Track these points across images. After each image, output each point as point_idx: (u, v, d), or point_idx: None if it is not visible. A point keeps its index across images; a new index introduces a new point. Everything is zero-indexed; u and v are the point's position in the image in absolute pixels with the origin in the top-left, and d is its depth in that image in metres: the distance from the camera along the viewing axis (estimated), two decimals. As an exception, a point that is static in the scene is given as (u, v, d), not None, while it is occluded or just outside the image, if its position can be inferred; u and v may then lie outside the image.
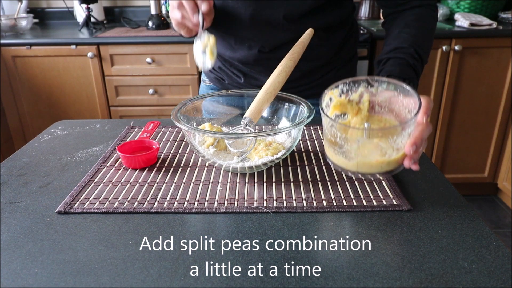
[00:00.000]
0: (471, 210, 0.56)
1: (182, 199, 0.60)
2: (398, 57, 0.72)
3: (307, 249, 0.49)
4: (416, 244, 0.49)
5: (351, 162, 0.56)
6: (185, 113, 0.71)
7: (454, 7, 2.11)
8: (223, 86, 1.00)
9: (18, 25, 2.05)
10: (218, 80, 1.01)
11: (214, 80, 1.02)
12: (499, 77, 1.89)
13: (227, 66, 0.96)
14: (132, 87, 1.99)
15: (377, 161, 0.55)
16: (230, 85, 0.99)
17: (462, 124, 2.00)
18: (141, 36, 1.92)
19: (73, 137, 0.84)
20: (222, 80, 1.00)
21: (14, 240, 0.51)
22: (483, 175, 2.11)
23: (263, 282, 0.44)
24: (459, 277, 0.44)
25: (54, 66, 1.95)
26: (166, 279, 0.44)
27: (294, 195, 0.60)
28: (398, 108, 0.59)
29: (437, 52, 1.86)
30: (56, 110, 2.04)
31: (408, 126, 0.53)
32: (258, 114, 0.66)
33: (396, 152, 0.54)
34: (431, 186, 0.63)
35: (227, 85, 0.99)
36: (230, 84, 0.99)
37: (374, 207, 0.57)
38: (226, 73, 0.97)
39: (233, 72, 0.96)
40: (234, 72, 0.96)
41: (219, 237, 0.51)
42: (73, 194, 0.61)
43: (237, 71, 0.95)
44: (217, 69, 0.99)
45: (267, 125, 0.81)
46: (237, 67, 0.95)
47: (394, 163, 0.56)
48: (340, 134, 0.55)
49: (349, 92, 0.59)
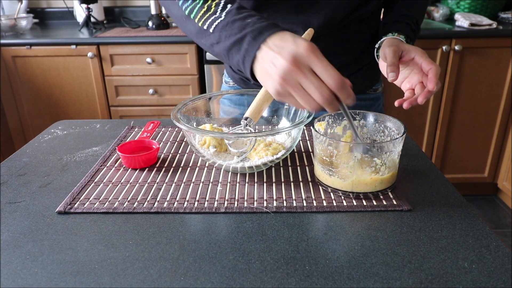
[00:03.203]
0: (471, 210, 0.56)
1: (182, 199, 0.60)
2: (404, 22, 0.84)
3: (307, 249, 0.49)
4: (416, 244, 0.49)
5: (346, 182, 0.59)
6: (185, 113, 0.71)
7: (454, 7, 2.11)
8: (248, 86, 0.99)
9: (18, 25, 2.05)
10: (243, 81, 0.98)
11: (239, 80, 0.99)
12: (499, 77, 1.90)
13: None
14: (132, 87, 1.99)
15: (371, 179, 0.58)
16: (255, 85, 0.96)
17: (462, 124, 2.00)
18: (141, 36, 1.92)
19: (73, 137, 0.84)
20: (248, 80, 0.97)
21: (14, 240, 0.51)
22: (483, 175, 2.11)
23: (263, 282, 0.44)
24: (459, 277, 0.44)
25: (54, 66, 1.95)
26: (166, 279, 0.44)
27: (294, 195, 0.60)
28: None
29: (437, 52, 1.86)
30: (56, 110, 2.04)
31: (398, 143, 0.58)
32: (258, 114, 0.66)
33: (388, 170, 0.59)
34: (431, 186, 0.63)
35: (253, 85, 0.97)
36: (255, 84, 0.97)
37: (374, 207, 0.57)
38: None
39: None
40: None
41: (219, 237, 0.51)
42: (73, 194, 0.61)
43: None
44: None
45: (267, 125, 0.81)
46: None
47: (386, 182, 0.59)
48: (336, 152, 0.58)
49: (334, 124, 0.68)
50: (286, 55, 0.50)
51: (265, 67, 0.53)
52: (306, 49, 0.50)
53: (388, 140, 0.64)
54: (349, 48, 0.90)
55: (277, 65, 0.51)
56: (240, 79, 0.99)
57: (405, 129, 0.60)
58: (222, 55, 0.61)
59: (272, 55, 0.52)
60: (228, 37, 0.58)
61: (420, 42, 1.85)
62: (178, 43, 1.90)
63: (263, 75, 0.54)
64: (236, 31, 0.57)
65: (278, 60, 0.50)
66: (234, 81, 1.01)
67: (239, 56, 0.57)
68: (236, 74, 0.99)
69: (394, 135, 0.64)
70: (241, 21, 0.58)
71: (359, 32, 0.89)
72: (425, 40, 1.85)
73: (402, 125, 0.61)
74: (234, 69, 0.98)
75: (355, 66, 0.93)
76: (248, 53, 0.55)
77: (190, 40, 1.89)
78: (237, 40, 0.57)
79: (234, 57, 0.58)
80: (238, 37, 0.57)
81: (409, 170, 0.68)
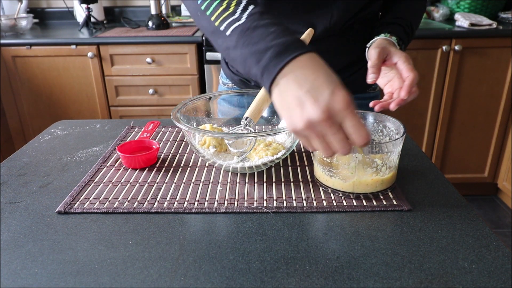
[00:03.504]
0: (471, 210, 0.56)
1: (182, 199, 0.60)
2: (398, 24, 0.84)
3: (307, 249, 0.49)
4: (416, 244, 0.49)
5: (347, 183, 0.59)
6: (185, 113, 0.71)
7: (454, 7, 2.11)
8: (249, 87, 0.98)
9: (18, 25, 2.05)
10: (243, 82, 0.98)
11: (238, 82, 0.99)
12: (499, 77, 1.90)
13: None
14: (132, 87, 1.99)
15: (372, 180, 0.58)
16: (256, 86, 0.96)
17: (462, 124, 2.00)
18: (141, 36, 1.92)
19: (73, 137, 0.84)
20: (247, 81, 0.97)
21: (14, 240, 0.51)
22: (483, 175, 2.11)
23: (263, 282, 0.44)
24: (459, 277, 0.44)
25: (54, 66, 1.95)
26: (166, 279, 0.44)
27: (294, 195, 0.60)
28: None
29: (437, 52, 1.86)
30: (56, 110, 2.04)
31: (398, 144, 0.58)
32: (258, 114, 0.66)
33: (388, 170, 0.59)
34: (431, 186, 0.63)
35: (253, 86, 0.96)
36: (256, 85, 0.96)
37: (374, 207, 0.57)
38: None
39: None
40: None
41: (219, 237, 0.51)
42: (73, 194, 0.61)
43: None
44: None
45: (267, 125, 0.81)
46: None
47: (387, 182, 0.60)
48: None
49: None
50: (321, 106, 0.45)
51: (289, 102, 0.47)
52: (343, 104, 0.45)
53: (388, 140, 0.64)
54: (352, 48, 0.90)
55: (307, 110, 0.45)
56: (239, 81, 0.98)
57: (405, 129, 0.60)
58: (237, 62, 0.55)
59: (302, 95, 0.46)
60: (246, 45, 0.52)
61: (420, 42, 1.85)
62: (178, 43, 1.90)
63: (283, 106, 0.48)
64: (256, 39, 0.51)
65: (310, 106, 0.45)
66: (234, 83, 1.00)
67: (257, 69, 0.51)
68: (235, 76, 0.98)
69: (393, 135, 0.64)
70: (263, 29, 0.52)
71: (362, 32, 0.89)
72: (425, 40, 1.85)
73: (402, 125, 0.61)
74: (234, 70, 0.98)
75: (357, 66, 0.94)
76: (268, 70, 0.49)
77: (190, 40, 1.89)
78: (257, 51, 0.51)
79: (251, 68, 0.52)
80: (259, 48, 0.50)
81: (409, 170, 0.68)
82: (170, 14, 2.29)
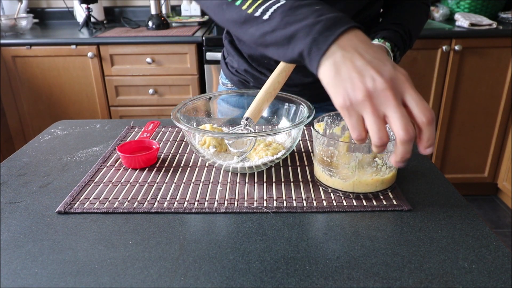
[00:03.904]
0: (471, 210, 0.56)
1: (182, 199, 0.60)
2: (393, 29, 0.81)
3: (307, 249, 0.49)
4: (416, 244, 0.49)
5: (347, 183, 0.59)
6: (185, 113, 0.71)
7: (454, 7, 2.11)
8: (247, 88, 0.98)
9: (18, 25, 2.05)
10: (242, 83, 0.98)
11: (237, 83, 0.99)
12: (499, 77, 1.90)
13: (255, 66, 0.93)
14: (132, 87, 1.99)
15: (373, 179, 0.58)
16: (254, 87, 0.96)
17: (462, 124, 2.00)
18: (141, 36, 1.92)
19: (73, 137, 0.84)
20: (246, 82, 0.97)
21: (14, 240, 0.51)
22: (483, 175, 2.11)
23: (263, 282, 0.44)
24: (459, 277, 0.44)
25: (54, 66, 1.95)
26: (166, 279, 0.44)
27: (294, 195, 0.60)
28: None
29: (437, 52, 1.86)
30: (56, 110, 2.04)
31: None
32: (258, 114, 0.66)
33: (388, 170, 0.59)
34: (431, 186, 0.63)
35: (252, 87, 0.97)
36: (255, 86, 0.96)
37: (374, 207, 0.57)
38: (253, 74, 0.94)
39: (261, 72, 0.93)
40: (262, 72, 0.93)
41: (219, 237, 0.51)
42: (73, 194, 0.61)
43: (266, 69, 0.92)
44: (242, 72, 0.96)
45: (267, 125, 0.81)
46: (267, 65, 0.91)
47: (387, 182, 0.59)
48: (337, 152, 0.58)
49: (332, 124, 0.68)
50: (386, 74, 0.43)
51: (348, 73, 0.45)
52: (406, 77, 0.44)
53: None
54: None
55: (370, 78, 0.44)
56: (238, 81, 0.98)
57: None
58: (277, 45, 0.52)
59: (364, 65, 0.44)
60: (291, 23, 0.49)
61: (420, 42, 1.85)
62: (178, 43, 1.90)
63: (338, 78, 0.46)
64: (301, 16, 0.49)
65: (374, 74, 0.44)
66: (233, 83, 1.00)
67: (303, 45, 0.48)
68: (234, 76, 0.98)
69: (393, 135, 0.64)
70: (308, 8, 0.50)
71: None
72: (425, 40, 1.85)
73: None
74: (233, 71, 0.98)
75: None
76: (318, 43, 0.47)
77: (190, 40, 1.89)
78: (304, 26, 0.48)
79: (295, 47, 0.49)
80: (307, 23, 0.48)
81: (409, 170, 0.68)
82: (170, 14, 2.30)
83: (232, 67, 0.99)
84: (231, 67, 0.99)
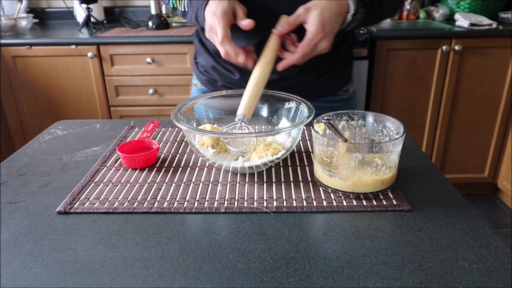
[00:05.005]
0: (471, 210, 0.56)
1: (182, 199, 0.60)
2: None
3: (307, 249, 0.49)
4: (416, 244, 0.49)
5: (347, 183, 0.59)
6: (185, 113, 0.71)
7: (454, 7, 2.12)
8: (215, 88, 0.98)
9: (18, 25, 2.05)
10: (210, 82, 0.99)
11: (206, 82, 1.00)
12: (499, 77, 1.90)
13: (221, 63, 0.94)
14: (132, 87, 1.99)
15: (372, 179, 0.58)
16: (222, 86, 0.97)
17: (462, 124, 2.00)
18: (141, 36, 1.92)
19: (73, 137, 0.84)
20: (214, 81, 0.98)
21: (14, 240, 0.51)
22: (483, 175, 2.11)
23: (263, 282, 0.44)
24: (459, 277, 0.44)
25: (54, 66, 1.95)
26: (166, 279, 0.44)
27: (294, 195, 0.60)
28: None
29: (437, 52, 1.86)
30: (56, 110, 2.04)
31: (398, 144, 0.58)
32: (251, 109, 0.67)
33: (388, 170, 0.59)
34: (431, 186, 0.63)
35: (220, 87, 0.97)
36: (223, 86, 0.97)
37: (374, 207, 0.57)
38: (220, 72, 0.96)
39: (228, 69, 0.94)
40: (228, 69, 0.94)
41: (219, 237, 0.51)
42: (73, 194, 0.61)
43: (232, 66, 0.93)
44: (209, 70, 0.97)
45: (267, 125, 0.81)
46: None
47: (387, 182, 0.59)
48: (337, 153, 0.58)
49: None
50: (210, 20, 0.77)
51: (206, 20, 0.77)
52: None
53: (388, 140, 0.64)
54: None
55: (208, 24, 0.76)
56: (207, 81, 0.99)
57: (405, 129, 0.60)
58: (196, 22, 0.85)
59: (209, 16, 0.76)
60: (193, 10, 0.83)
61: (420, 42, 1.85)
62: (178, 43, 1.90)
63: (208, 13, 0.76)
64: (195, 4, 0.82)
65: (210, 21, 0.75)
66: (202, 83, 1.01)
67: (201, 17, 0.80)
68: (203, 76, 1.00)
69: (393, 135, 0.64)
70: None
71: None
72: (425, 40, 1.85)
73: (402, 125, 0.61)
74: (202, 70, 1.00)
75: (325, 66, 0.93)
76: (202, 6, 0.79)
77: (190, 40, 1.89)
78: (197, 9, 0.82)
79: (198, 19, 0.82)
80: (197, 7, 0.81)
81: (409, 170, 0.68)
82: (170, 14, 2.29)
83: (201, 66, 1.00)
84: (200, 66, 1.00)
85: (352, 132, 0.68)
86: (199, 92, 1.04)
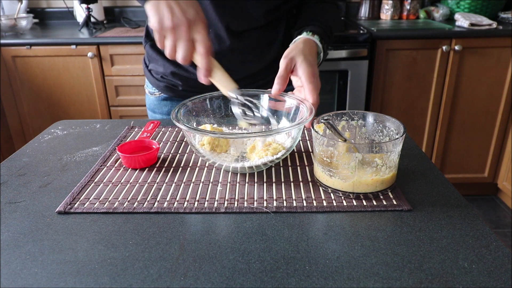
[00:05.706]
0: (471, 210, 0.56)
1: (182, 199, 0.60)
2: (317, 25, 0.84)
3: (307, 249, 0.49)
4: (416, 244, 0.49)
5: (347, 183, 0.59)
6: (185, 113, 0.71)
7: (454, 7, 2.12)
8: (176, 93, 0.96)
9: (18, 25, 2.05)
10: (170, 88, 0.96)
11: (164, 89, 0.97)
12: (499, 77, 1.90)
13: (183, 67, 0.92)
14: (132, 87, 1.99)
15: (372, 179, 0.58)
16: (184, 91, 0.94)
17: (462, 124, 2.00)
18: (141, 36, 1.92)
19: (73, 137, 0.84)
20: (174, 87, 0.95)
21: (14, 240, 0.51)
22: (483, 175, 2.11)
23: (263, 282, 0.44)
24: (459, 277, 0.44)
25: (54, 66, 1.95)
26: (166, 279, 0.44)
27: (294, 195, 0.60)
28: None
29: (437, 52, 1.86)
30: (56, 110, 2.04)
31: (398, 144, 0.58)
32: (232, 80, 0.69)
33: (388, 170, 0.59)
34: (431, 186, 0.63)
35: (181, 92, 0.95)
36: (184, 90, 0.94)
37: (374, 207, 0.57)
38: (182, 76, 0.93)
39: (189, 70, 0.91)
40: (189, 70, 0.91)
41: (219, 237, 0.51)
42: (73, 194, 0.61)
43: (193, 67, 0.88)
44: (169, 76, 0.94)
45: (267, 125, 0.81)
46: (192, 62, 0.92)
47: (387, 182, 0.59)
48: (337, 153, 0.58)
49: None
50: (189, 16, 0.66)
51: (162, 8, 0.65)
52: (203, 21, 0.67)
53: (388, 140, 0.64)
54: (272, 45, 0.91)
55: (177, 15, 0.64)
56: (165, 87, 0.97)
57: (405, 129, 0.60)
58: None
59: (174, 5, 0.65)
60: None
61: (420, 42, 1.85)
62: (178, 43, 1.89)
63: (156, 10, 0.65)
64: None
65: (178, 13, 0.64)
66: (160, 90, 0.99)
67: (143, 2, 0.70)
68: (161, 82, 0.97)
69: (393, 135, 0.64)
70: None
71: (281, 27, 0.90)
72: (425, 40, 1.85)
73: (402, 125, 0.61)
74: (158, 77, 0.97)
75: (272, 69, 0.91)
76: None
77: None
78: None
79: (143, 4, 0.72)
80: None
81: (409, 170, 0.68)
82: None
83: (157, 73, 0.97)
84: (155, 74, 0.97)
85: (352, 132, 0.68)
86: (158, 100, 1.00)
